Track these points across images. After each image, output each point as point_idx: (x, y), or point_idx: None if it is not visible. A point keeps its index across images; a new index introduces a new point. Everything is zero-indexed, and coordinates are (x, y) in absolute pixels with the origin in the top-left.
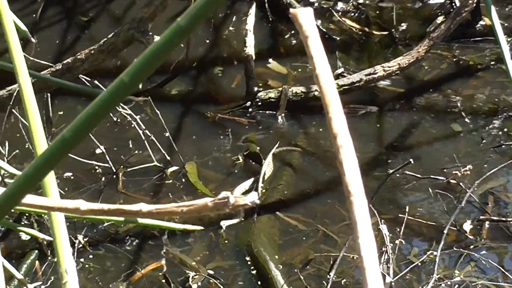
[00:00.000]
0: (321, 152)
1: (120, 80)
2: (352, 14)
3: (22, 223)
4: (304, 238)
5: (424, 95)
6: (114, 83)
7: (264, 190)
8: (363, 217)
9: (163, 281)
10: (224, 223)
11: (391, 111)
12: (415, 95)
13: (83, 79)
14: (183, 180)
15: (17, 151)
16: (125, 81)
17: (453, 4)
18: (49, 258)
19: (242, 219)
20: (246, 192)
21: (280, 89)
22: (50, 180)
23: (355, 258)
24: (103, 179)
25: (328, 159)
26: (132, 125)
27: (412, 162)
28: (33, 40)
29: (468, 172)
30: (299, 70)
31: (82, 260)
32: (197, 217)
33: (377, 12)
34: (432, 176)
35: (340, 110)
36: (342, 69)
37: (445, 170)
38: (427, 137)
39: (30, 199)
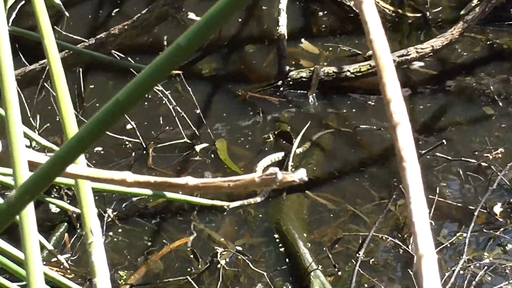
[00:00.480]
0: (351, 132)
1: (177, 44)
2: None
3: (52, 195)
4: (333, 217)
5: (456, 77)
6: (170, 47)
7: (293, 169)
8: (416, 183)
9: (191, 256)
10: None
11: (423, 93)
12: (448, 77)
13: (115, 55)
14: (213, 157)
15: (48, 124)
16: (181, 44)
17: None
18: (78, 231)
19: (251, 203)
20: (270, 166)
21: (311, 68)
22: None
23: (384, 238)
24: (133, 154)
25: (358, 139)
26: (163, 102)
27: (445, 143)
28: (66, 14)
29: (500, 155)
30: (331, 50)
31: (110, 233)
32: (225, 194)
33: None
34: (463, 159)
35: (395, 76)
36: None
37: (476, 152)
38: (459, 120)
39: (75, 169)
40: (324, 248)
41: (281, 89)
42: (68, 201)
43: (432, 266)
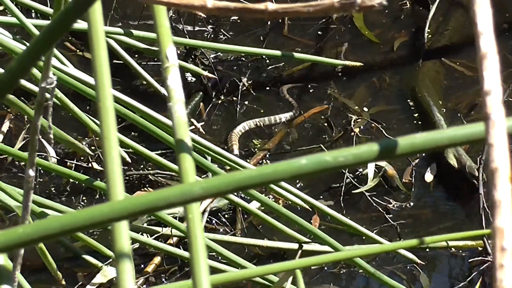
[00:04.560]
0: None
1: None
2: None
3: (189, 62)
4: (469, 84)
5: None
6: None
7: (430, 36)
8: None
9: (325, 124)
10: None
11: None
12: None
13: None
14: (349, 25)
15: None
16: None
17: None
18: (213, 100)
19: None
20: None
21: None
22: None
23: None
24: (268, 23)
25: (500, 5)
26: None
27: None
28: None
29: None
30: None
31: (246, 102)
32: (360, 60)
33: None
34: None
35: None
36: None
37: None
38: None
39: None
40: (459, 115)
41: None
42: (203, 67)
43: (493, 64)
